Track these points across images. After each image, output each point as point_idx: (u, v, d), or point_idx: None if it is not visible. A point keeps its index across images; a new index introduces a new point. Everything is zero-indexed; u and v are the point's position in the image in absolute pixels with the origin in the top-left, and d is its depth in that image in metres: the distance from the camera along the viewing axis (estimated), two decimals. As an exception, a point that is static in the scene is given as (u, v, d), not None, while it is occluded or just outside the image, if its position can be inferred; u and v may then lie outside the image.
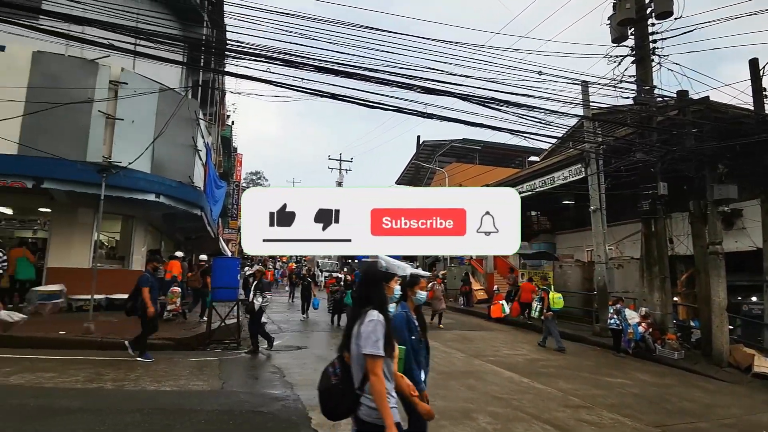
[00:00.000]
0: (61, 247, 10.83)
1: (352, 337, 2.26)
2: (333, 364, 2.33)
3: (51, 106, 9.11)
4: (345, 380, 2.23)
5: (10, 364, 6.15)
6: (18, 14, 8.34)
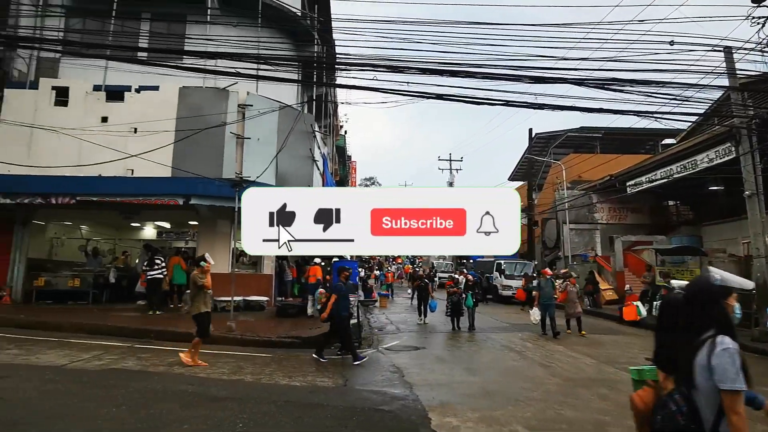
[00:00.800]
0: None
1: (695, 369, 1.91)
2: (675, 400, 1.97)
3: (194, 133, 10.52)
4: (695, 420, 1.90)
5: (174, 355, 7.17)
6: (167, 58, 9.76)
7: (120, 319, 9.75)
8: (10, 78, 11.67)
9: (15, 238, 11.70)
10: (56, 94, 11.30)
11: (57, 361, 6.26)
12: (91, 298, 11.71)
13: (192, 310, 6.87)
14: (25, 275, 11.66)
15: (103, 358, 6.68)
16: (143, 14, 13.01)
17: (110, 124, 11.01)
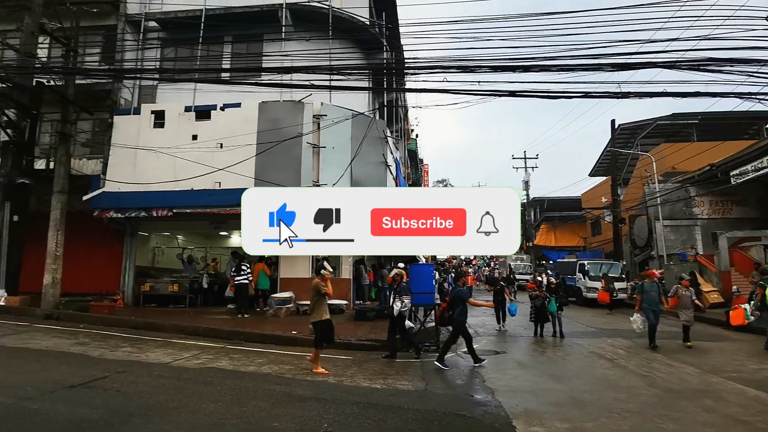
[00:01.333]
0: (288, 261, 12.96)
1: None
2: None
3: (273, 145, 11.10)
4: None
5: (262, 356, 7.60)
6: (248, 76, 10.41)
7: (213, 321, 10.50)
8: (118, 106, 13.09)
9: (125, 248, 13.08)
10: (154, 118, 12.51)
11: (162, 359, 6.88)
12: (188, 302, 12.76)
13: (313, 317, 6.82)
14: (134, 281, 12.99)
15: (201, 357, 7.22)
16: (225, 38, 14.00)
17: (199, 141, 11.96)
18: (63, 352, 6.93)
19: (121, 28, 13.68)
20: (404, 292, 8.25)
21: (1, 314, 10.25)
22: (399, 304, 7.98)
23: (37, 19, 11.49)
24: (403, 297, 8.12)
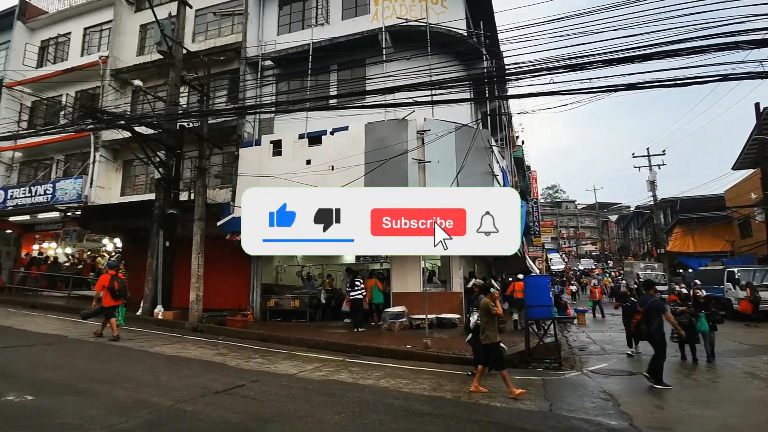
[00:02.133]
0: (399, 276, 13.19)
1: None
2: None
3: (381, 163, 11.47)
4: None
5: (379, 369, 7.78)
6: (353, 100, 10.94)
7: (331, 335, 11.03)
8: (242, 140, 14.63)
9: (252, 267, 14.41)
10: (273, 147, 13.72)
11: (289, 370, 7.38)
12: (308, 317, 13.58)
13: (485, 339, 6.55)
14: (261, 297, 14.21)
15: (323, 370, 7.61)
16: (331, 67, 14.96)
17: (313, 165, 12.81)
18: (208, 361, 7.79)
19: (243, 71, 15.34)
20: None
21: (159, 326, 11.88)
22: (474, 316, 7.65)
23: (178, 73, 13.39)
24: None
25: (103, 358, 7.49)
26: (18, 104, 20.01)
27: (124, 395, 5.27)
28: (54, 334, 9.47)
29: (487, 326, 6.56)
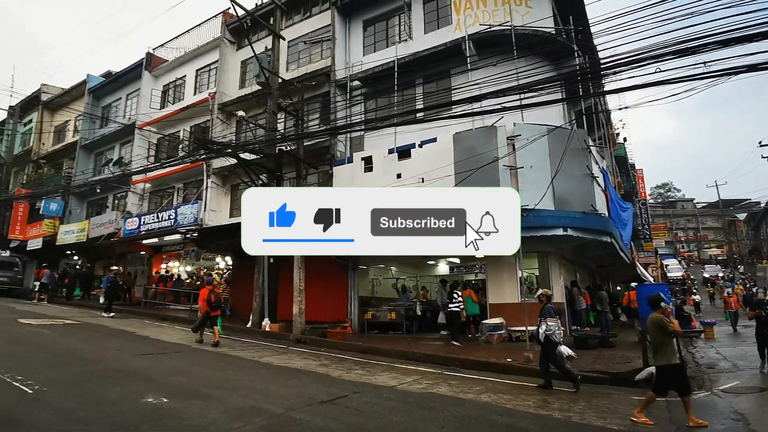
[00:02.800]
0: (495, 286, 12.80)
1: None
2: None
3: (471, 173, 11.30)
4: None
5: (479, 383, 7.58)
6: (440, 112, 10.96)
7: (428, 347, 10.98)
8: (335, 158, 15.32)
9: (349, 281, 14.91)
10: (364, 163, 14.17)
11: (389, 382, 7.47)
12: (404, 329, 13.66)
13: (657, 360, 5.92)
14: (358, 310, 14.61)
15: (422, 382, 7.58)
16: (416, 81, 15.16)
17: (403, 179, 12.99)
18: (312, 372, 8.16)
19: (333, 93, 16.13)
20: (548, 313, 7.46)
21: (267, 338, 12.73)
22: (543, 327, 7.33)
23: (275, 101, 14.46)
24: (547, 319, 7.37)
25: (220, 366, 8.19)
26: (147, 142, 22.98)
27: (240, 401, 5.70)
28: (180, 343, 10.57)
29: (661, 346, 5.81)
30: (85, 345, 9.52)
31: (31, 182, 27.89)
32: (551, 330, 7.30)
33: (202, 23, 22.65)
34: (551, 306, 7.63)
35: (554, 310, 7.60)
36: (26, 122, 31.27)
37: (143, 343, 10.41)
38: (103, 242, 21.62)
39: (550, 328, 7.31)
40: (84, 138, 26.26)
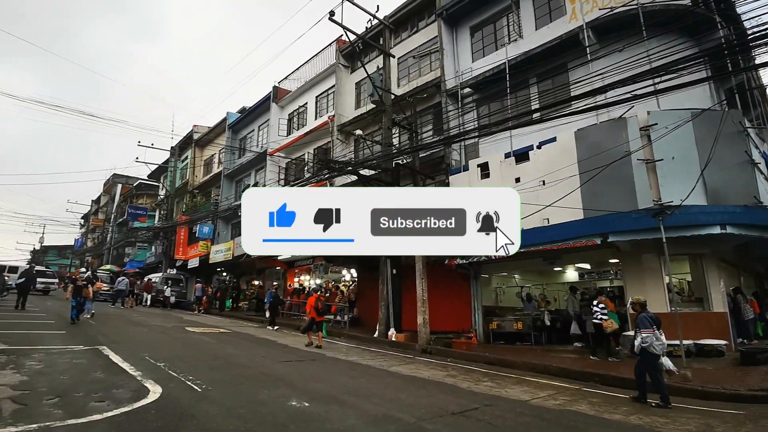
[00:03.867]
0: (636, 294, 11.41)
1: None
2: None
3: (598, 171, 10.43)
4: None
5: (624, 403, 6.87)
6: (558, 109, 10.34)
7: (562, 360, 10.27)
8: (450, 167, 15.30)
9: (472, 290, 14.65)
10: (480, 170, 13.90)
11: (521, 396, 7.12)
12: (533, 340, 12.96)
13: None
14: (482, 319, 14.26)
15: (558, 398, 7.10)
16: (530, 80, 14.51)
17: (522, 183, 12.45)
18: (440, 382, 8.14)
19: (444, 103, 16.19)
20: (641, 324, 7.00)
21: (393, 347, 13.05)
22: (638, 339, 6.96)
23: (389, 117, 14.98)
24: (642, 331, 6.91)
25: (352, 374, 8.59)
26: (277, 167, 25.40)
27: (374, 409, 5.91)
28: (315, 352, 11.34)
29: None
30: (237, 351, 10.71)
31: (189, 210, 32.53)
32: (647, 342, 6.85)
33: (318, 53, 24.50)
34: (645, 315, 7.09)
35: (649, 320, 7.01)
36: (183, 159, 36.70)
37: (283, 351, 11.38)
38: (245, 260, 24.26)
39: (645, 340, 6.86)
40: (226, 168, 29.96)
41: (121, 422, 4.80)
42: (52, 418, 4.84)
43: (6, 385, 6.18)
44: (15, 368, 7.33)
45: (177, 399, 5.82)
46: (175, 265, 31.71)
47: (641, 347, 6.90)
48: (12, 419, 4.76)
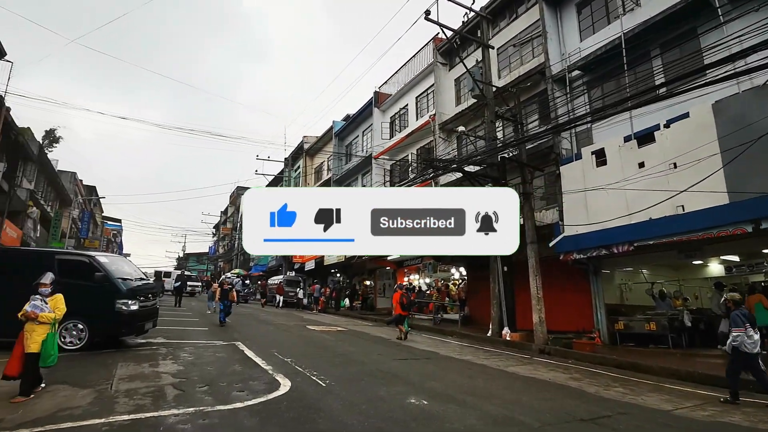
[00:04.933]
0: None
1: None
2: None
3: (745, 147, 9.01)
4: None
5: (796, 418, 5.83)
6: (689, 81, 9.13)
7: (709, 366, 9.04)
8: (561, 157, 14.36)
9: (591, 287, 13.59)
10: (595, 157, 12.83)
11: (661, 405, 6.41)
12: (671, 342, 11.61)
13: None
14: (606, 319, 13.14)
15: (707, 409, 6.27)
16: (651, 53, 13.03)
17: (647, 168, 11.24)
18: (562, 385, 7.67)
19: (550, 89, 15.25)
20: (733, 323, 6.77)
21: (508, 347, 12.63)
22: (729, 338, 6.78)
23: (492, 110, 14.53)
24: (733, 329, 6.71)
25: (468, 374, 8.47)
26: (382, 170, 26.09)
27: (494, 410, 5.76)
28: (428, 350, 11.41)
29: None
30: (355, 348, 11.19)
31: (303, 215, 34.84)
32: (737, 341, 6.63)
33: (416, 54, 24.67)
34: (737, 313, 6.81)
35: (742, 317, 6.71)
36: (296, 168, 39.44)
37: (398, 349, 11.62)
38: (356, 261, 25.30)
39: (735, 338, 6.66)
40: (335, 174, 31.54)
41: (259, 411, 5.29)
42: (204, 403, 5.52)
43: (168, 373, 7.19)
44: (173, 359, 8.49)
45: (304, 392, 6.26)
46: (293, 268, 34.20)
47: (732, 346, 6.74)
48: (174, 402, 5.51)
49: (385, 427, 4.87)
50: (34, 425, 4.57)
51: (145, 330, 10.27)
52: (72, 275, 9.10)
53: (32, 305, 5.70)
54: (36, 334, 5.62)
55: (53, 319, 5.77)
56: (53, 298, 5.93)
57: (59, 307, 5.91)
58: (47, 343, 5.68)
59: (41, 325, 5.67)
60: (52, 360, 5.79)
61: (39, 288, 5.88)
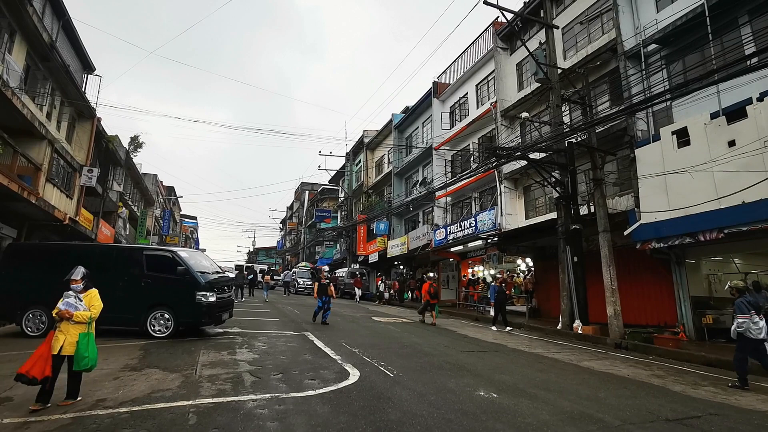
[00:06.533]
0: None
1: None
2: None
3: None
4: None
5: None
6: None
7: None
8: (636, 140, 13.40)
9: (674, 278, 12.62)
10: (677, 137, 11.82)
11: (758, 406, 5.85)
12: (769, 338, 10.50)
13: None
14: (691, 312, 12.16)
15: (816, 412, 5.62)
16: (739, 19, 11.77)
17: (739, 147, 10.21)
18: (644, 382, 7.21)
19: (624, 67, 14.25)
20: (738, 310, 7.09)
21: (580, 341, 12.07)
22: (734, 324, 7.07)
23: (557, 93, 13.85)
24: (738, 316, 7.01)
25: (539, 367, 8.19)
26: (443, 160, 25.80)
27: (569, 406, 5.52)
28: (497, 343, 11.18)
29: None
30: (421, 340, 11.21)
31: (365, 209, 35.35)
32: (742, 327, 6.94)
33: (475, 40, 24.04)
34: (742, 301, 7.08)
35: (746, 304, 7.00)
36: (357, 162, 40.02)
37: (465, 341, 11.49)
38: (420, 253, 25.27)
39: (740, 325, 6.97)
40: (395, 167, 31.62)
41: (331, 399, 5.45)
42: (279, 390, 5.77)
43: (245, 361, 7.61)
44: (249, 348, 8.97)
45: (373, 382, 6.36)
46: (357, 261, 34.84)
47: (737, 332, 6.99)
48: (252, 389, 5.82)
49: (455, 419, 4.83)
50: (133, 404, 5.02)
51: (223, 320, 10.95)
52: (158, 269, 9.94)
53: (65, 303, 5.16)
54: (71, 336, 5.07)
55: (89, 318, 5.20)
56: (87, 294, 5.34)
57: (95, 304, 5.32)
58: (80, 344, 5.08)
59: (75, 325, 5.11)
60: (86, 363, 5.11)
61: (71, 284, 5.28)
